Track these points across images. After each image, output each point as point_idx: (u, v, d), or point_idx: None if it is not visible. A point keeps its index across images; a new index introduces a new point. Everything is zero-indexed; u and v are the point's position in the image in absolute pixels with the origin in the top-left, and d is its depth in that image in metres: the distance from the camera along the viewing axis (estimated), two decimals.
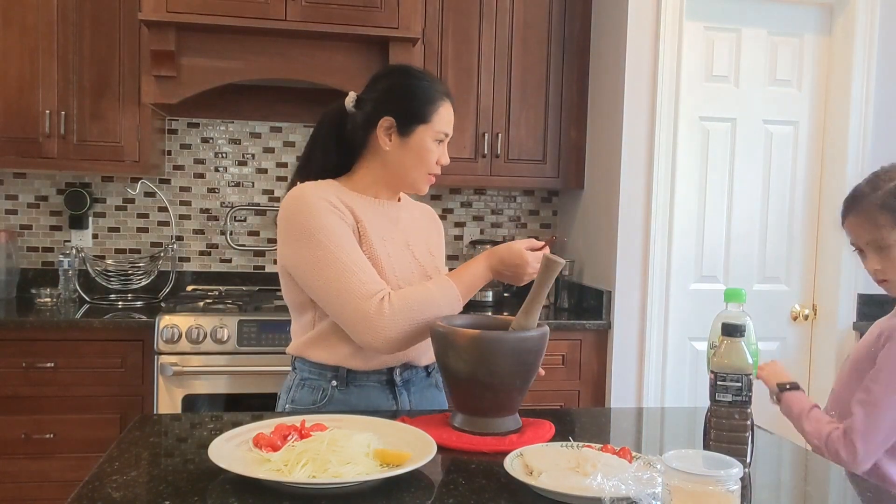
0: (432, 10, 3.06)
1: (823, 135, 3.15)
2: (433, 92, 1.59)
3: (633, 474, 1.03)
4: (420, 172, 1.61)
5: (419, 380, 1.63)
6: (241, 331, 2.63)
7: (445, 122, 1.60)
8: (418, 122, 1.57)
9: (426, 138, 1.57)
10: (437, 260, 1.71)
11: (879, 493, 1.23)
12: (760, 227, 3.13)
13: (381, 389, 1.57)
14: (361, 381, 1.56)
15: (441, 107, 1.58)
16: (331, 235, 1.47)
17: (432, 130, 1.58)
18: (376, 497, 1.08)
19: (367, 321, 1.43)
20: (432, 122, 1.57)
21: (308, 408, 1.55)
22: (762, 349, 2.99)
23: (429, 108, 1.57)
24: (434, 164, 1.61)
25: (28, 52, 2.82)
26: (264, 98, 3.28)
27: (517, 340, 1.36)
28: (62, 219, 3.23)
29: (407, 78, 1.61)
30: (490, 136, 3.13)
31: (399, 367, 1.58)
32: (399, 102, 1.57)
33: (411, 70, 1.66)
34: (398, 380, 1.58)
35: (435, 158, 1.60)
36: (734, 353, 1.22)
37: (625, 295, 2.93)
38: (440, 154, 1.61)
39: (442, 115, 1.59)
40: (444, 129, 1.60)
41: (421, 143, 1.57)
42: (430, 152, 1.59)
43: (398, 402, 1.58)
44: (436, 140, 1.59)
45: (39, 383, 2.60)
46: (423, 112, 1.57)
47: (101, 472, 1.15)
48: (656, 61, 2.89)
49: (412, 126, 1.57)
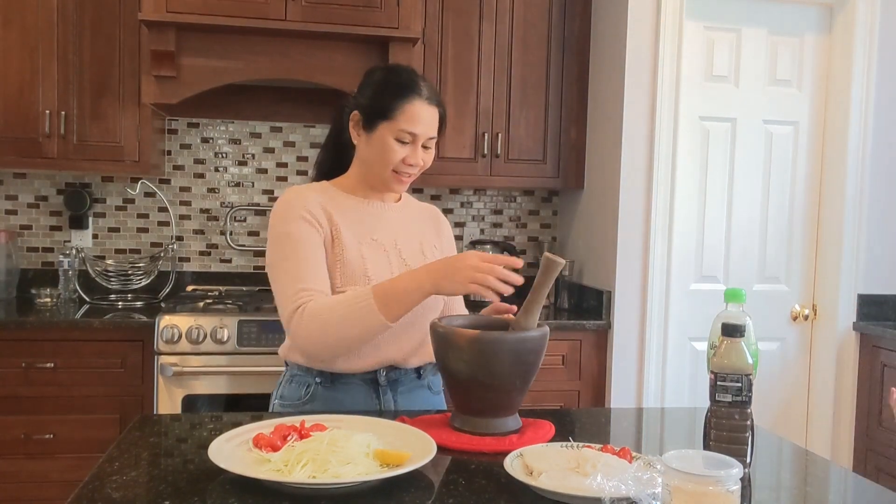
0: (432, 10, 3.06)
1: (823, 135, 3.15)
2: (403, 89, 1.53)
3: (633, 474, 1.03)
4: (383, 170, 1.57)
5: (407, 381, 1.63)
6: (241, 331, 2.63)
7: (412, 120, 1.52)
8: (380, 117, 1.54)
9: (387, 135, 1.53)
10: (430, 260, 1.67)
11: (879, 492, 1.23)
12: (760, 227, 3.13)
13: (366, 389, 1.58)
14: (346, 380, 1.57)
15: (410, 104, 1.52)
16: (289, 241, 1.50)
17: (394, 128, 1.53)
18: (376, 497, 1.08)
19: (288, 326, 1.49)
20: (395, 118, 1.52)
21: (294, 403, 1.58)
22: (762, 349, 3.01)
23: (393, 103, 1.52)
24: (399, 164, 1.55)
25: (28, 51, 2.82)
26: (264, 98, 3.28)
27: (517, 341, 1.36)
28: (62, 219, 3.23)
29: (380, 73, 1.59)
30: (490, 135, 3.13)
31: (383, 369, 1.58)
32: (366, 96, 1.57)
33: (390, 66, 1.64)
34: (382, 380, 1.58)
35: (398, 157, 1.54)
36: (734, 354, 1.22)
37: (625, 295, 2.93)
38: (408, 154, 1.54)
39: (408, 113, 1.52)
40: (410, 127, 1.52)
41: (382, 140, 1.54)
42: (392, 150, 1.54)
43: (381, 402, 1.58)
44: (398, 139, 1.53)
45: (39, 383, 2.60)
46: (386, 108, 1.53)
47: (101, 472, 1.15)
48: (656, 61, 2.89)
49: (374, 121, 1.55)
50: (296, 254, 1.50)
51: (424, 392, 1.67)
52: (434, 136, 1.58)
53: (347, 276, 1.53)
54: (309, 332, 1.45)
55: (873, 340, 2.96)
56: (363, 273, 1.53)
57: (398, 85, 1.55)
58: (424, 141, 1.56)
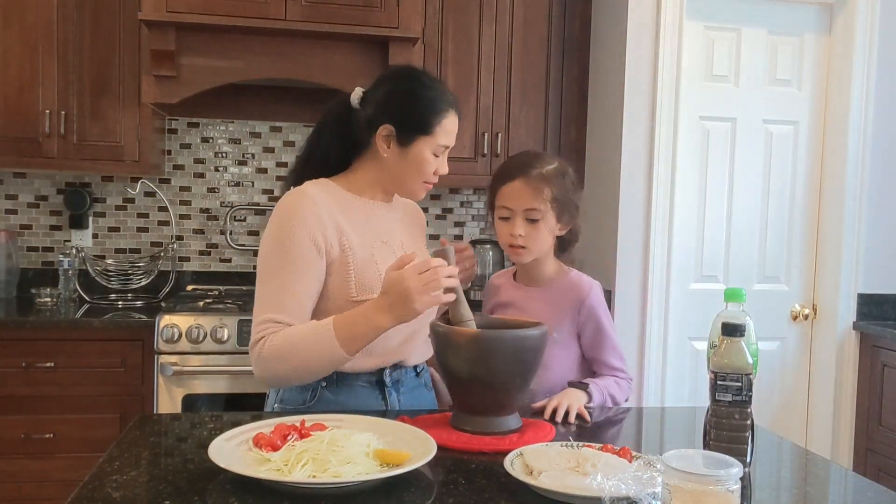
0: (432, 10, 3.06)
1: (823, 135, 3.15)
2: (438, 102, 1.54)
3: (633, 474, 1.03)
4: (416, 182, 1.58)
5: (409, 380, 1.62)
6: (241, 330, 2.63)
7: (448, 134, 1.56)
8: (419, 133, 1.53)
9: (425, 150, 1.54)
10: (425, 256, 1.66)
11: (879, 493, 1.23)
12: (760, 227, 3.13)
13: (371, 389, 1.57)
14: (351, 381, 1.55)
15: (445, 119, 1.54)
16: (287, 258, 1.46)
17: (433, 143, 1.54)
18: (376, 497, 1.08)
19: (251, 352, 1.47)
20: (434, 134, 1.54)
21: (297, 407, 1.54)
22: (762, 349, 3.00)
23: (432, 119, 1.53)
24: (431, 175, 1.58)
25: (28, 51, 2.82)
26: (264, 98, 3.28)
27: (517, 339, 1.36)
28: (62, 219, 3.23)
29: (413, 85, 1.56)
30: (490, 135, 3.13)
31: (389, 367, 1.57)
32: (401, 111, 1.54)
33: (420, 77, 1.60)
34: (388, 380, 1.57)
35: (433, 169, 1.57)
36: (734, 353, 1.22)
37: (625, 294, 2.93)
38: (439, 165, 1.58)
39: (445, 128, 1.54)
40: (446, 141, 1.56)
41: (420, 155, 1.54)
42: (429, 164, 1.55)
43: (387, 402, 1.57)
44: (435, 153, 1.55)
45: (39, 383, 2.60)
46: (425, 123, 1.53)
47: (101, 472, 1.15)
48: (656, 61, 2.89)
49: (412, 137, 1.53)
50: (285, 276, 1.46)
51: (423, 390, 1.67)
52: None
53: (361, 283, 1.50)
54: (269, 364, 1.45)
55: (873, 340, 2.96)
56: (377, 279, 1.49)
57: (433, 99, 1.54)
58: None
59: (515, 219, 1.66)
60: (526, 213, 1.65)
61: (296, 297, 1.46)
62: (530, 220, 1.65)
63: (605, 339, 1.72)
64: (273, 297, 1.46)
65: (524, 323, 1.47)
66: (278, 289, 1.46)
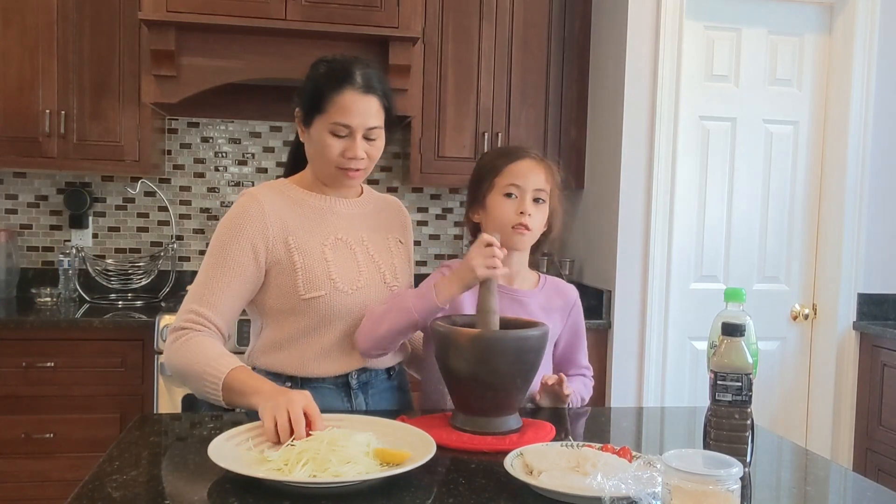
0: (432, 9, 3.06)
1: (823, 135, 3.15)
2: (332, 80, 1.48)
3: (633, 474, 1.03)
4: (326, 167, 1.52)
5: (378, 382, 1.62)
6: (240, 330, 2.63)
7: (343, 111, 1.46)
8: (315, 112, 1.50)
9: (322, 130, 1.49)
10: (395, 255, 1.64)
11: (879, 492, 1.23)
12: (760, 227, 3.13)
13: (336, 391, 1.56)
14: (316, 383, 1.54)
15: (340, 96, 1.46)
16: (223, 257, 1.49)
17: (327, 122, 1.48)
18: (376, 497, 1.08)
19: (169, 335, 1.50)
20: (327, 111, 1.47)
21: None
22: (762, 349, 3.01)
23: (325, 96, 1.48)
24: (340, 158, 1.50)
25: (28, 51, 2.82)
26: (264, 98, 3.28)
27: (517, 339, 1.36)
28: (62, 218, 3.23)
29: (316, 66, 1.55)
30: (490, 135, 3.13)
31: (354, 371, 1.57)
32: (303, 92, 1.54)
33: (326, 57, 1.56)
34: (353, 383, 1.57)
35: (336, 152, 1.49)
36: (734, 353, 1.22)
37: (625, 295, 2.93)
38: (346, 147, 1.48)
39: (339, 105, 1.46)
40: (342, 119, 1.46)
41: (319, 135, 1.50)
42: (328, 146, 1.48)
43: (353, 403, 1.57)
44: (333, 132, 1.48)
45: (39, 383, 2.60)
46: (319, 101, 1.48)
47: (101, 471, 1.15)
48: (656, 61, 2.89)
49: (311, 116, 1.51)
50: (219, 272, 1.48)
51: (394, 392, 1.66)
52: (375, 125, 1.50)
53: (310, 281, 1.50)
54: (171, 361, 1.48)
55: (873, 340, 2.96)
56: (327, 276, 1.50)
57: (328, 76, 1.50)
58: (365, 132, 1.49)
59: (525, 196, 1.55)
60: (535, 192, 1.56)
61: (223, 295, 1.48)
62: (537, 199, 1.57)
63: (582, 340, 1.74)
64: (203, 292, 1.49)
65: (525, 322, 1.47)
66: (210, 285, 1.49)
